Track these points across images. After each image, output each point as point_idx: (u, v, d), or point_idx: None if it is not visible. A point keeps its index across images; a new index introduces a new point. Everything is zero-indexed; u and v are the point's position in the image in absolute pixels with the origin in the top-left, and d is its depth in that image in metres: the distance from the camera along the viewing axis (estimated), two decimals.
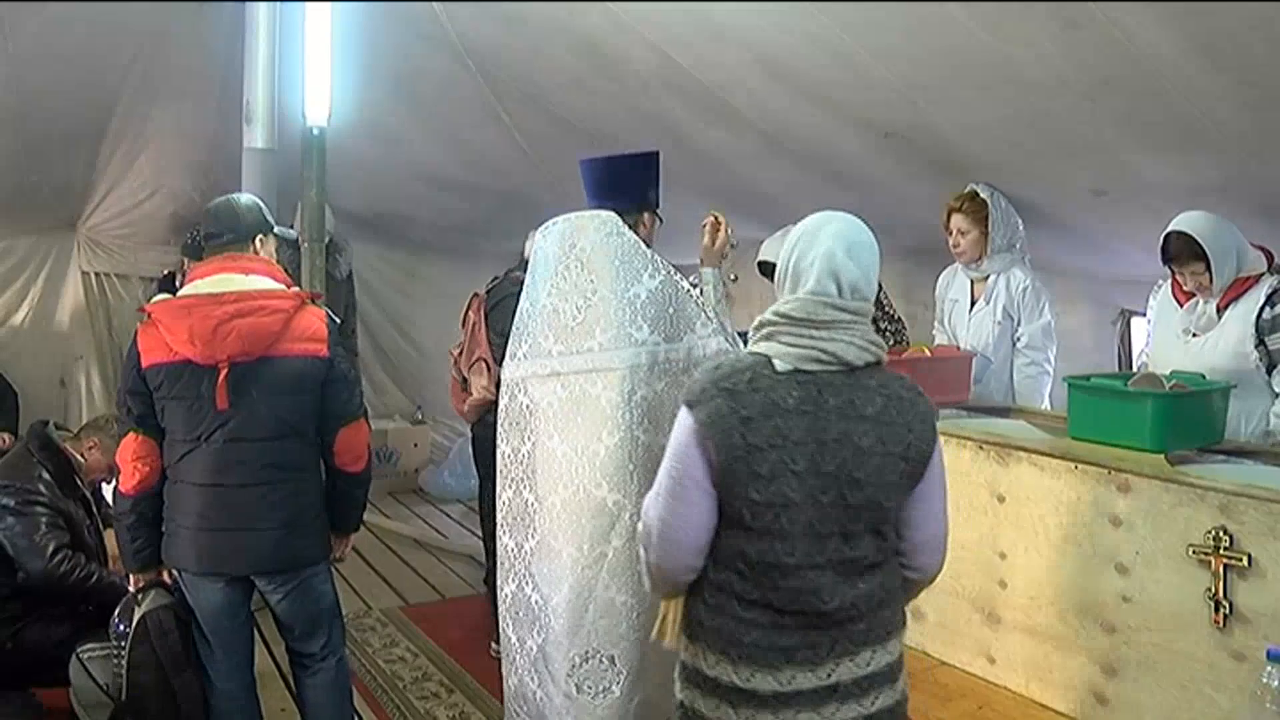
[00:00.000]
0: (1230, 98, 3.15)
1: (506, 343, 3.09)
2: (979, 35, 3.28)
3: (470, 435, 4.76)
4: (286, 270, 3.35)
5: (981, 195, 4.01)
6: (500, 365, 4.56)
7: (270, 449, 2.98)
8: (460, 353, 4.70)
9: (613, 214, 2.90)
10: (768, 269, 4.37)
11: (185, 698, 3.14)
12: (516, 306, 3.06)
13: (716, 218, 3.13)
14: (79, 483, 3.90)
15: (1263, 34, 2.81)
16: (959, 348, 4.06)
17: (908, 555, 2.03)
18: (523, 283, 3.10)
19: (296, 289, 3.12)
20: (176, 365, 2.93)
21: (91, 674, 3.47)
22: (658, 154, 3.24)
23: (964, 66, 3.50)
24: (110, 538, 3.83)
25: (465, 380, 4.61)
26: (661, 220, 3.20)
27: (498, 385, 4.63)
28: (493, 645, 4.73)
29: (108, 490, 3.87)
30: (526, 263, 4.63)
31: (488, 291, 4.58)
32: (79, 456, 3.91)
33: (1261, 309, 3.22)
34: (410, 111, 5.88)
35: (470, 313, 4.65)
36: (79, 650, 3.49)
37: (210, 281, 3.01)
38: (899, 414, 1.90)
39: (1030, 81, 3.44)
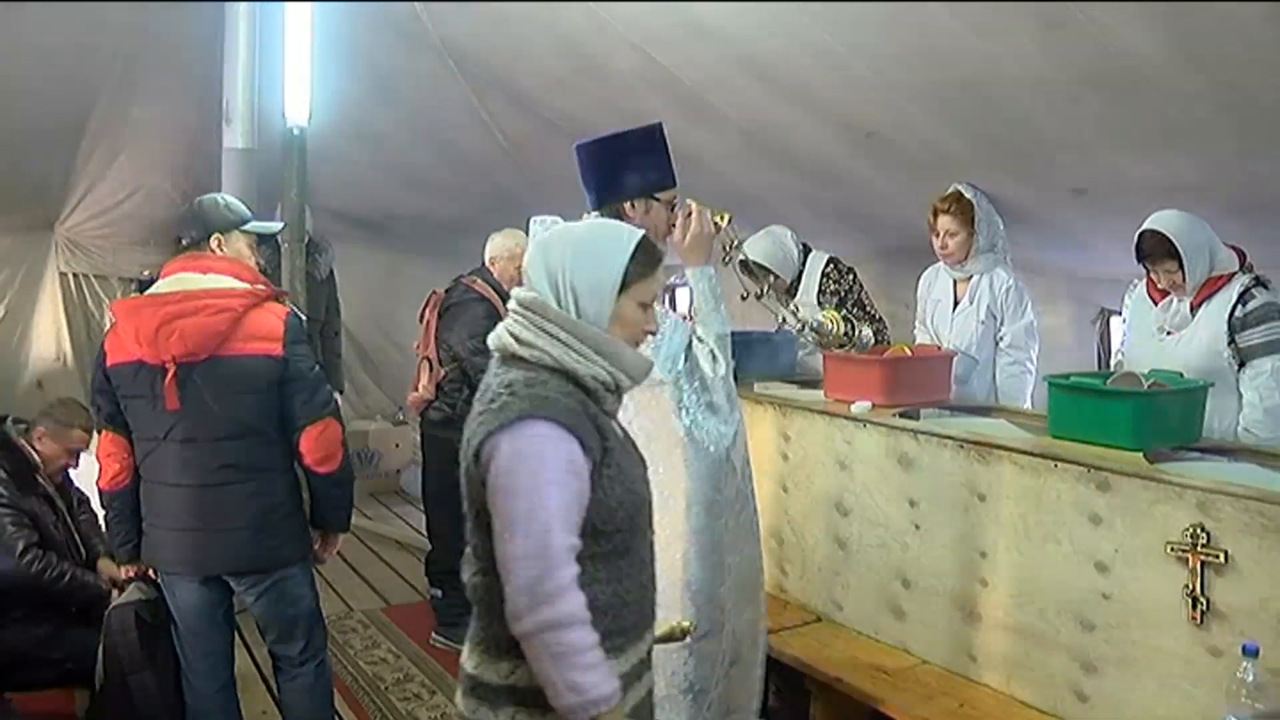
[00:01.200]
0: (1209, 98, 3.17)
1: (453, 349, 3.07)
2: (960, 35, 3.29)
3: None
4: (265, 269, 3.34)
5: (966, 196, 4.02)
6: (443, 367, 4.62)
7: (226, 449, 2.96)
8: (418, 344, 4.78)
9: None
10: (748, 267, 4.38)
11: (141, 698, 3.13)
12: (467, 315, 3.03)
13: (692, 207, 2.93)
14: (39, 479, 3.84)
15: (1241, 35, 2.82)
16: (939, 347, 4.08)
17: None
18: (475, 291, 3.04)
19: (261, 287, 3.08)
20: (132, 365, 2.94)
21: None
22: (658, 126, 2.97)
23: (945, 66, 3.51)
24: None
25: (432, 366, 4.67)
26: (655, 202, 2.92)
27: (437, 386, 4.69)
28: (434, 635, 4.74)
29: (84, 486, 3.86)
30: (484, 266, 4.64)
31: (446, 291, 4.59)
32: (35, 451, 3.86)
33: (1234, 307, 3.25)
34: (392, 111, 5.86)
35: (426, 309, 4.68)
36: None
37: (167, 282, 3.02)
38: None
39: (1011, 81, 3.45)
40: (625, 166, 2.87)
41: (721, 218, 2.99)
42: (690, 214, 2.90)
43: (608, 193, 2.90)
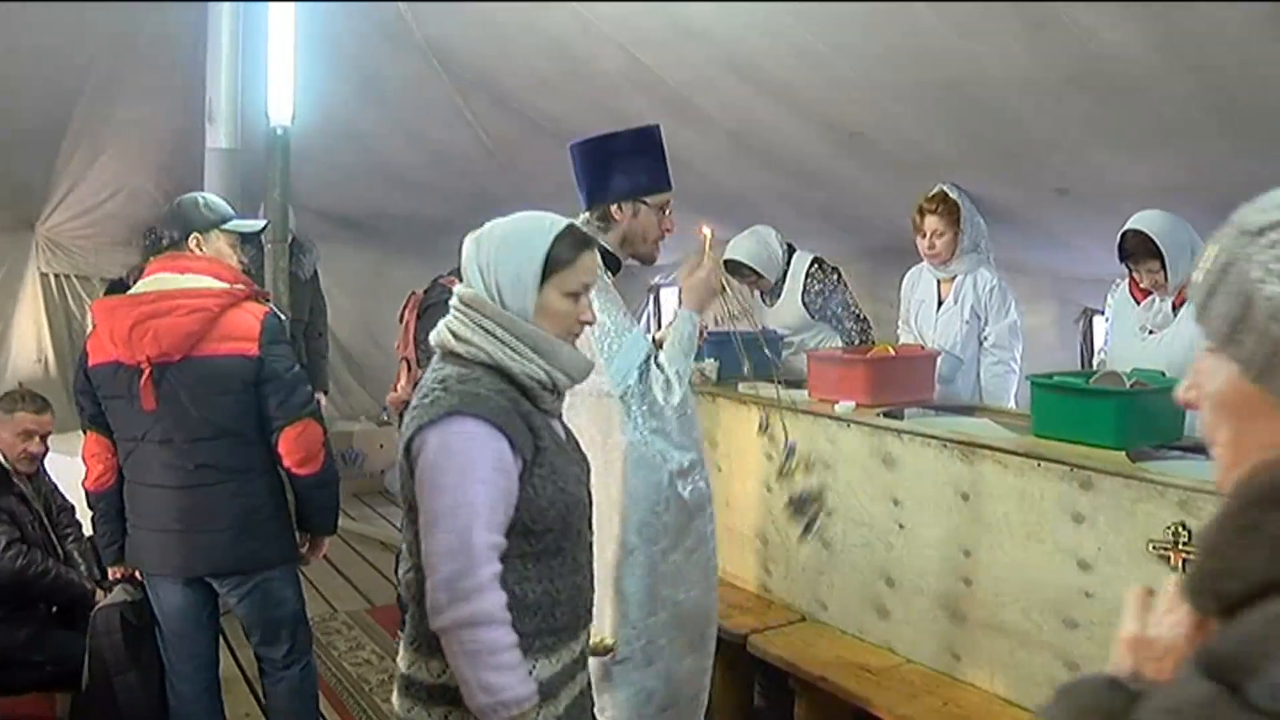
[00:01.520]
0: (1193, 99, 3.18)
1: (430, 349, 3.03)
2: (945, 35, 3.30)
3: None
4: (247, 269, 3.32)
5: (951, 196, 4.04)
6: (421, 368, 4.58)
7: (203, 450, 2.95)
8: (399, 343, 4.75)
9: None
10: (733, 268, 4.38)
11: (126, 699, 3.12)
12: (444, 314, 2.98)
13: (705, 254, 2.83)
14: (14, 480, 3.79)
15: (1225, 37, 2.84)
16: (923, 347, 4.09)
17: None
18: (452, 291, 3.00)
19: (239, 286, 3.05)
20: (110, 366, 2.93)
21: None
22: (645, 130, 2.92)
23: (930, 66, 3.52)
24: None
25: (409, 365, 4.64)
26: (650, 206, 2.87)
27: (415, 386, 4.64)
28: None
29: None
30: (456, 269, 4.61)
31: (425, 292, 4.58)
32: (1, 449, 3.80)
33: None
34: (376, 111, 5.85)
35: (406, 310, 4.66)
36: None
37: (145, 282, 3.01)
38: None
39: (995, 81, 3.46)
40: (613, 168, 2.82)
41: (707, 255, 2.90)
42: (703, 254, 2.84)
43: (596, 193, 2.86)
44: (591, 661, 2.21)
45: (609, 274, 2.82)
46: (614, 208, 2.83)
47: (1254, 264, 0.83)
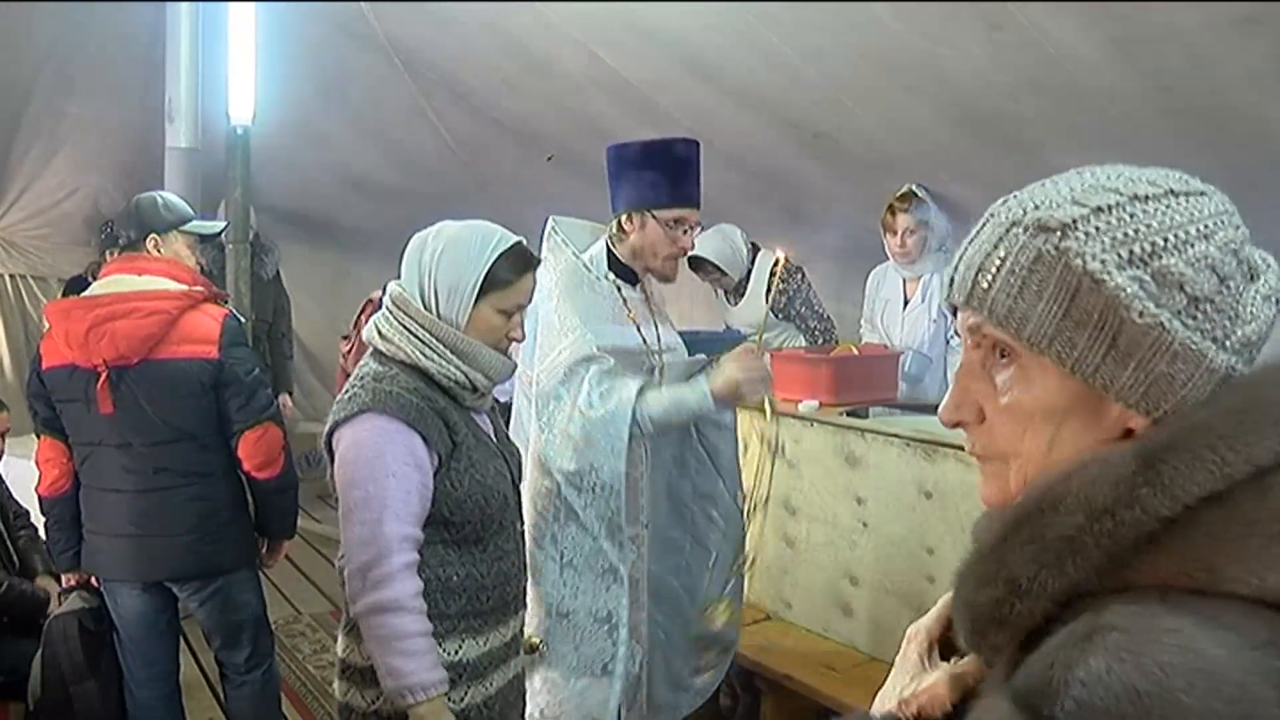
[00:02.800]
0: (1148, 101, 3.23)
1: None
2: (906, 36, 3.33)
3: None
4: (208, 270, 3.28)
5: (920, 195, 4.06)
6: None
7: (162, 454, 2.91)
8: (350, 350, 4.71)
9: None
10: (697, 264, 4.39)
11: (83, 708, 3.07)
12: None
13: (756, 363, 2.61)
14: None
15: (1177, 40, 2.88)
16: (888, 346, 4.11)
17: None
18: None
19: (198, 289, 3.01)
20: (65, 369, 2.88)
21: None
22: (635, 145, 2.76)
23: (891, 67, 3.55)
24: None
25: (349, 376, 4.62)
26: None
27: None
28: None
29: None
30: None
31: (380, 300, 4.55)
32: None
33: None
34: (338, 111, 5.81)
35: (363, 316, 4.65)
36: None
37: (101, 283, 2.97)
38: None
39: (956, 82, 3.49)
40: (623, 177, 2.74)
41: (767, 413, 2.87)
42: (752, 368, 2.61)
43: (613, 201, 2.78)
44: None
45: (617, 282, 2.76)
46: (624, 217, 2.74)
47: (1084, 256, 0.80)
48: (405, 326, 1.98)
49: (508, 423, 2.69)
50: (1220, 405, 0.77)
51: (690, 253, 2.99)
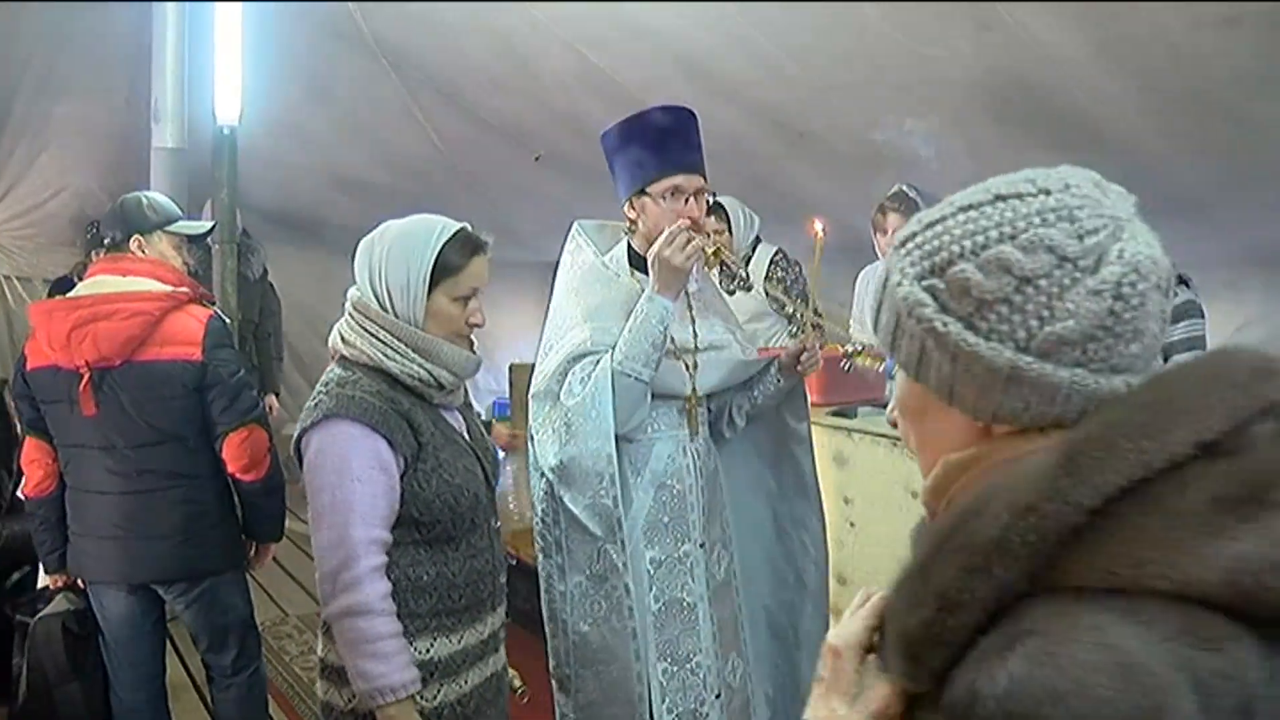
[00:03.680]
0: (1132, 101, 3.24)
1: None
2: (892, 36, 3.33)
3: None
4: (194, 271, 3.26)
5: (911, 195, 4.07)
6: None
7: (147, 455, 2.89)
8: None
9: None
10: (711, 208, 4.36)
11: (67, 711, 3.06)
12: None
13: (674, 227, 2.38)
14: None
15: (1161, 40, 2.90)
16: (873, 346, 4.12)
17: None
18: None
19: (183, 290, 2.98)
20: (48, 370, 2.86)
21: None
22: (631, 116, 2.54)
23: (878, 67, 3.56)
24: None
25: None
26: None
27: None
28: None
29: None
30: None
31: None
32: None
33: None
34: (325, 111, 5.79)
35: None
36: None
37: (85, 284, 2.95)
38: None
39: (943, 82, 3.50)
40: (614, 167, 2.55)
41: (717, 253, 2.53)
42: (668, 235, 2.38)
43: (617, 196, 2.59)
44: None
45: (638, 277, 2.56)
46: (626, 207, 2.55)
47: (894, 271, 0.88)
48: (366, 330, 1.99)
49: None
50: (1136, 400, 0.78)
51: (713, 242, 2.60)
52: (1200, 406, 0.75)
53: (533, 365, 2.62)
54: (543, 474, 2.52)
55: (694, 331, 2.62)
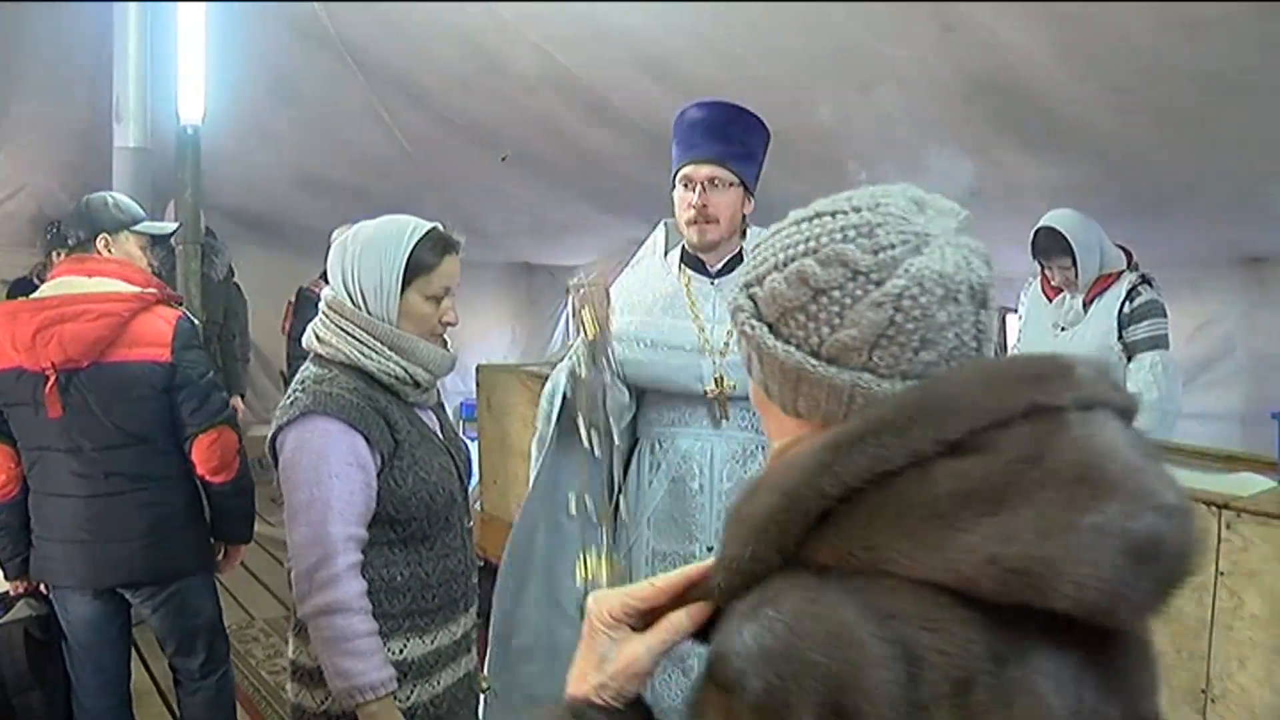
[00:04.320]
0: (1097, 102, 3.27)
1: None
2: (859, 36, 3.35)
3: None
4: (158, 271, 3.23)
5: None
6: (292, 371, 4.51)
7: (114, 458, 2.86)
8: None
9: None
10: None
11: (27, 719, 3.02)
12: (302, 317, 2.86)
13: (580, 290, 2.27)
14: None
15: (1125, 43, 2.93)
16: None
17: None
18: (314, 293, 2.80)
19: (150, 290, 2.95)
20: (12, 372, 2.82)
21: None
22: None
23: (845, 68, 3.57)
24: None
25: None
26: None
27: None
28: None
29: None
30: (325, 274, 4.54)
31: (295, 299, 4.52)
32: None
33: (1122, 303, 3.40)
34: (290, 111, 5.75)
35: (285, 320, 4.62)
36: None
37: (50, 285, 2.91)
38: None
39: (909, 82, 3.52)
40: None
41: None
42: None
43: None
44: None
45: (688, 274, 2.57)
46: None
47: (735, 280, 0.96)
48: (341, 328, 1.99)
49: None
50: (898, 400, 0.84)
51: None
52: (951, 407, 0.81)
53: (504, 366, 2.63)
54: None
55: (730, 332, 2.45)
